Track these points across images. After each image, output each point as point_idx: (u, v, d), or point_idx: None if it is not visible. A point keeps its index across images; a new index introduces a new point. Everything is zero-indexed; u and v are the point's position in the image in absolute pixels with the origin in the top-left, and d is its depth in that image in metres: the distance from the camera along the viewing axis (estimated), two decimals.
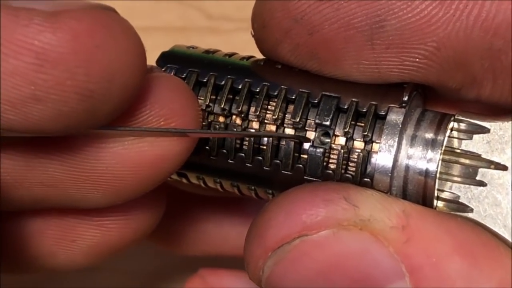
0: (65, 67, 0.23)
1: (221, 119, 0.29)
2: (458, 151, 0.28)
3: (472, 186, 0.27)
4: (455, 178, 0.27)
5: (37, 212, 0.30)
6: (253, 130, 0.29)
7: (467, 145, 0.28)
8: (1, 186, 0.27)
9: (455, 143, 0.28)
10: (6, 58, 0.23)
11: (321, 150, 0.27)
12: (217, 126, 0.29)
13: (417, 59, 0.27)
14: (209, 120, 0.29)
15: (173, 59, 0.30)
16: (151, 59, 0.38)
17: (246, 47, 0.30)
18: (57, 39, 0.23)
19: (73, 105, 0.24)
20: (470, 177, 0.27)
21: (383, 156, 0.27)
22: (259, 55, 0.31)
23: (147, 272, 0.46)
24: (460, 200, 0.27)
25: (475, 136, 0.28)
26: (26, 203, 0.28)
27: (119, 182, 0.27)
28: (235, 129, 0.29)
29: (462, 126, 0.28)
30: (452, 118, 0.28)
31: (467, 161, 0.27)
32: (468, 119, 0.28)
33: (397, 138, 0.27)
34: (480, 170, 0.27)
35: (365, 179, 0.27)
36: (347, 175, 0.27)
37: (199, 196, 0.37)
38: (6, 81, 0.23)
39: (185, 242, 0.38)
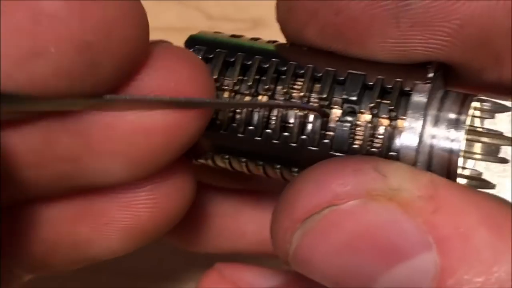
0: (59, 20, 0.24)
1: (248, 98, 0.29)
2: (481, 129, 0.28)
3: (494, 163, 0.28)
4: (478, 156, 0.28)
5: (66, 197, 0.29)
6: (277, 109, 0.29)
7: (489, 124, 0.28)
8: (24, 166, 0.27)
9: (478, 122, 0.28)
10: (4, 16, 0.23)
11: (348, 125, 0.28)
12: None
13: (441, 37, 0.27)
14: (236, 99, 0.29)
15: (201, 41, 0.31)
16: None
17: (280, 30, 0.31)
18: None
19: (72, 57, 0.24)
20: (492, 155, 0.28)
21: (408, 131, 0.28)
22: None
23: (151, 272, 0.46)
24: (482, 177, 0.28)
25: (497, 115, 0.28)
26: (52, 184, 0.28)
27: (135, 151, 0.27)
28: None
29: (485, 105, 0.28)
30: (475, 98, 0.28)
31: (489, 140, 0.28)
32: (490, 99, 0.28)
33: (422, 114, 0.27)
34: (502, 147, 0.28)
35: (392, 153, 0.27)
36: (373, 149, 0.28)
37: (214, 189, 0.37)
38: (6, 40, 0.23)
39: (200, 238, 0.37)
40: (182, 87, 0.27)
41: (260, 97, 0.29)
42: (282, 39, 0.31)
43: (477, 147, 0.28)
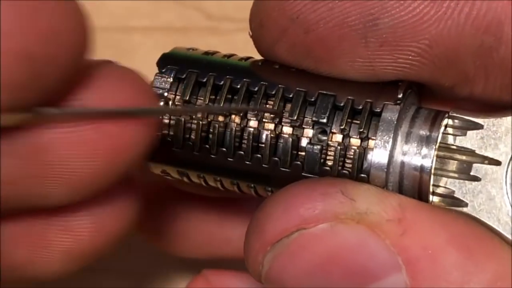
0: (4, 30, 0.23)
1: (221, 118, 0.29)
2: (453, 147, 0.28)
3: (466, 181, 0.28)
4: (450, 174, 0.28)
5: (4, 219, 0.29)
6: (251, 129, 0.29)
7: (461, 141, 0.28)
8: None
9: (450, 139, 0.28)
10: None
11: (319, 147, 0.28)
12: (216, 125, 0.29)
13: (410, 57, 0.28)
14: (209, 120, 0.30)
15: (173, 61, 0.31)
16: (151, 59, 0.38)
17: (246, 47, 0.31)
18: None
19: (14, 69, 0.24)
20: (465, 173, 0.28)
21: (378, 152, 0.28)
22: (259, 56, 0.31)
23: (145, 273, 0.46)
24: (455, 195, 0.28)
25: (469, 132, 0.28)
26: None
27: (76, 174, 0.27)
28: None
29: (456, 122, 0.28)
30: (446, 115, 0.28)
31: (461, 157, 0.28)
32: (462, 116, 0.28)
33: (392, 135, 0.27)
34: (474, 165, 0.28)
35: (362, 175, 0.28)
36: (344, 171, 0.28)
37: (200, 198, 0.37)
38: None
39: (187, 244, 0.38)
40: (125, 102, 0.27)
41: (233, 117, 0.29)
42: None
43: (450, 165, 0.28)
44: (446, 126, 0.28)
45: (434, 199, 0.28)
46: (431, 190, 0.28)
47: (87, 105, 0.26)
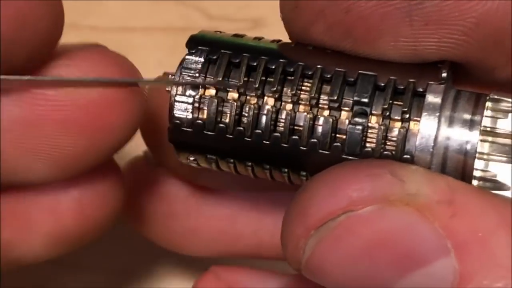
0: None
1: (253, 100, 0.29)
2: (495, 130, 0.27)
3: (509, 164, 0.27)
4: (492, 157, 0.27)
5: None
6: (287, 110, 0.28)
7: (503, 124, 0.28)
8: None
9: (492, 122, 0.28)
10: None
11: (360, 127, 0.27)
12: (252, 107, 0.28)
13: (456, 36, 0.27)
14: (242, 102, 0.29)
15: (203, 42, 0.30)
16: (152, 59, 0.38)
17: (285, 28, 0.30)
18: None
19: None
20: (507, 155, 0.27)
21: (423, 133, 0.27)
22: None
23: (146, 275, 0.46)
24: (497, 178, 0.27)
25: (511, 115, 0.27)
26: None
27: (58, 151, 0.27)
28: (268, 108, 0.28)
29: (498, 105, 0.28)
30: (488, 97, 0.28)
31: (504, 140, 0.27)
32: (504, 98, 0.28)
33: (437, 115, 0.27)
34: None
35: (406, 156, 0.27)
36: (386, 152, 0.27)
37: (211, 192, 0.37)
38: None
39: (197, 242, 0.37)
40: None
41: (266, 98, 0.28)
42: (283, 38, 0.31)
43: (492, 148, 0.27)
44: (487, 108, 0.27)
45: (477, 182, 0.27)
46: (474, 174, 0.27)
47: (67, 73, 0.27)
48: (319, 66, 0.28)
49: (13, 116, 0.27)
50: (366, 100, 0.27)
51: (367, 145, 0.27)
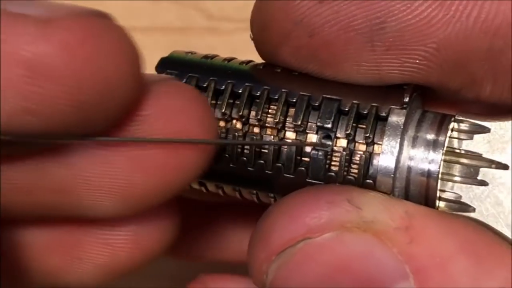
0: (56, 80, 0.23)
1: (222, 123, 0.29)
2: (459, 151, 0.28)
3: (474, 186, 0.27)
4: (457, 178, 0.28)
5: (45, 225, 0.29)
6: (254, 135, 0.29)
7: (468, 145, 0.28)
8: (11, 192, 0.27)
9: (456, 143, 0.28)
10: (1, 69, 0.22)
11: (323, 152, 0.28)
12: (219, 132, 0.29)
13: (417, 61, 0.27)
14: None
15: (172, 64, 0.30)
16: (152, 60, 0.38)
17: (246, 47, 0.30)
18: (48, 51, 0.22)
19: (65, 117, 0.23)
20: (472, 177, 0.27)
21: (385, 157, 0.27)
22: (259, 58, 0.31)
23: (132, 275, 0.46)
24: (462, 200, 0.27)
25: (476, 136, 0.28)
26: (36, 210, 0.28)
27: (130, 188, 0.27)
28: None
29: (463, 126, 0.28)
30: (453, 119, 0.28)
31: (468, 161, 0.28)
32: (468, 119, 0.28)
33: (399, 139, 0.27)
34: (482, 169, 0.27)
35: (368, 181, 0.27)
36: (349, 177, 0.27)
37: (199, 203, 0.37)
38: (2, 93, 0.23)
39: (187, 249, 0.38)
40: (187, 128, 0.26)
41: (234, 122, 0.29)
42: None
43: (457, 169, 0.28)
44: (452, 129, 0.28)
45: (441, 204, 0.28)
46: (438, 195, 0.27)
47: (151, 127, 0.26)
48: (284, 90, 0.28)
49: (85, 152, 0.26)
50: (329, 125, 0.28)
51: (332, 168, 0.28)
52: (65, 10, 0.23)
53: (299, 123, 0.28)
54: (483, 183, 0.27)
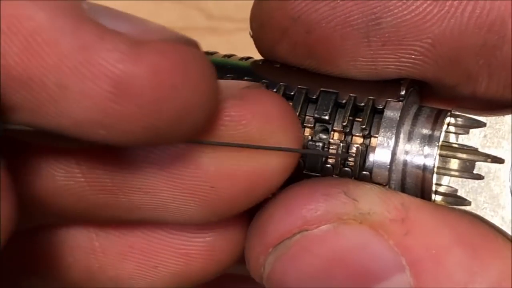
0: (139, 102, 0.22)
1: None
2: (455, 145, 0.28)
3: (469, 180, 0.28)
4: (453, 172, 0.28)
5: (122, 230, 0.29)
6: None
7: (464, 140, 0.28)
8: (101, 193, 0.27)
9: (452, 137, 0.28)
10: (84, 79, 0.22)
11: (320, 144, 0.28)
12: None
13: (412, 56, 0.27)
14: None
15: None
16: None
17: (246, 47, 0.31)
18: (137, 72, 0.22)
19: (137, 136, 0.23)
20: (468, 171, 0.28)
21: (381, 149, 0.27)
22: (259, 56, 0.31)
23: None
24: (458, 194, 0.28)
25: (472, 131, 0.28)
26: (122, 211, 0.28)
27: (215, 193, 0.26)
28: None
29: (459, 120, 0.28)
30: (449, 114, 0.28)
31: (464, 155, 0.28)
32: (464, 114, 0.28)
33: (395, 132, 0.27)
34: (477, 163, 0.28)
35: (364, 173, 0.27)
36: (346, 169, 0.28)
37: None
38: (78, 102, 0.22)
39: None
40: (274, 136, 0.26)
41: None
42: None
43: (452, 163, 0.28)
44: (448, 124, 0.28)
45: (437, 197, 0.28)
46: (433, 189, 0.28)
47: (237, 134, 0.26)
48: (282, 84, 0.29)
49: (174, 154, 0.26)
50: (326, 117, 0.28)
51: (328, 161, 0.28)
52: (158, 32, 0.23)
53: (297, 115, 0.28)
54: (479, 176, 0.27)
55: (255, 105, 0.26)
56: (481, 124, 0.28)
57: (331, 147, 0.28)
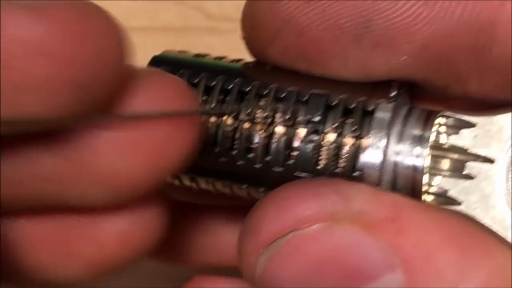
0: (54, 58, 0.23)
1: (213, 119, 0.30)
2: (446, 146, 0.28)
3: (460, 180, 0.28)
4: (443, 173, 0.28)
5: (34, 220, 0.29)
6: (243, 129, 0.29)
7: (454, 140, 0.28)
8: (4, 183, 0.27)
9: (443, 138, 0.28)
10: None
11: (312, 145, 0.28)
12: (209, 126, 0.29)
13: (403, 58, 0.28)
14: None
15: (164, 62, 0.31)
16: None
17: (246, 47, 0.31)
18: (45, 29, 0.23)
19: (64, 95, 0.24)
20: (458, 171, 0.28)
21: (372, 151, 0.28)
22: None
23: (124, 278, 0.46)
24: (448, 194, 0.28)
25: (462, 131, 0.28)
26: (26, 201, 0.28)
27: (116, 177, 0.27)
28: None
29: (449, 121, 0.28)
30: (439, 114, 0.28)
31: (454, 156, 0.28)
32: (454, 115, 0.28)
33: (385, 133, 0.28)
34: (468, 164, 0.28)
35: (355, 174, 0.28)
36: (337, 170, 0.28)
37: (193, 206, 0.37)
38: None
39: (180, 254, 0.38)
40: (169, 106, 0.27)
41: (225, 118, 0.30)
42: None
43: (443, 164, 0.28)
44: (439, 125, 0.28)
45: (428, 198, 0.28)
46: (424, 189, 0.28)
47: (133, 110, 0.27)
48: (273, 86, 0.29)
49: (70, 144, 0.26)
50: (317, 119, 0.28)
51: (319, 162, 0.28)
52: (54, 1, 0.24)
53: (288, 117, 0.28)
54: (469, 176, 0.28)
55: (155, 88, 0.27)
56: (471, 125, 0.28)
57: (322, 148, 0.28)
